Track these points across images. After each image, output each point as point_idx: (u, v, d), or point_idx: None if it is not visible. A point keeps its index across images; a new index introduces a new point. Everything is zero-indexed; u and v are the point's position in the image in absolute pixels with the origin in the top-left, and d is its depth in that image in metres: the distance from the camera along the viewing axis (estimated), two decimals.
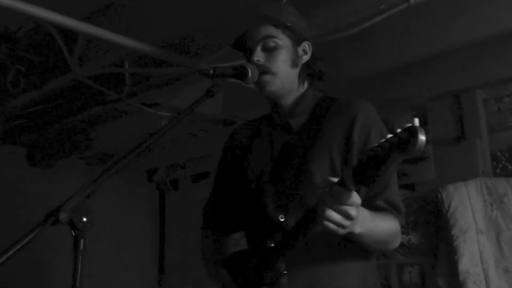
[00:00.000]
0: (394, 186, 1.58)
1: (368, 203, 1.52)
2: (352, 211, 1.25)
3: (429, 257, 2.97)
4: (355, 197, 1.23)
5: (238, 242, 1.90)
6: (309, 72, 1.73)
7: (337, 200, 1.23)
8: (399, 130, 1.07)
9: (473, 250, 2.69)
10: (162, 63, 2.66)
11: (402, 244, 3.09)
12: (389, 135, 1.09)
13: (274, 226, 1.54)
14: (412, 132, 1.03)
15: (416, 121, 1.06)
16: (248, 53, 1.66)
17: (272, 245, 1.51)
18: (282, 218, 1.52)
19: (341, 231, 1.29)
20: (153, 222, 5.12)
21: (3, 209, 3.97)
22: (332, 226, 1.27)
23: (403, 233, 3.09)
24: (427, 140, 2.97)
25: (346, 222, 1.27)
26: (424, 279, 3.00)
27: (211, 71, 1.51)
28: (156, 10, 2.42)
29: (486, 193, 2.75)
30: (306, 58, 1.71)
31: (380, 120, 1.65)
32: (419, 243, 3.03)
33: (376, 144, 1.12)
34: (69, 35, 2.55)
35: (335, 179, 1.24)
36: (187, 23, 2.44)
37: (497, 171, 2.86)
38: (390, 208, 1.54)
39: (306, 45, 1.71)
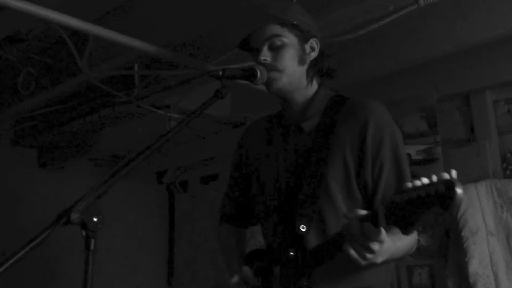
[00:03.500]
0: None
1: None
2: (375, 246, 1.28)
3: (439, 259, 2.96)
4: (383, 235, 1.26)
5: (254, 238, 1.91)
6: (317, 69, 1.72)
7: (366, 237, 1.26)
8: (435, 178, 1.08)
9: (483, 252, 2.67)
10: (171, 65, 2.67)
11: None
12: (425, 181, 1.11)
13: (293, 233, 1.55)
14: (450, 187, 1.04)
15: (454, 173, 1.07)
16: (255, 53, 1.66)
17: (292, 254, 1.53)
18: (303, 228, 1.53)
19: (363, 263, 1.31)
20: (163, 223, 5.14)
21: (14, 210, 4.00)
22: (354, 256, 1.30)
23: None
24: (437, 141, 2.98)
25: (368, 256, 1.30)
26: (434, 281, 2.99)
27: (220, 73, 1.52)
28: (165, 12, 2.43)
29: (496, 195, 2.74)
30: (314, 55, 1.70)
31: (393, 121, 1.64)
32: (429, 244, 3.02)
33: (411, 186, 1.13)
34: (80, 38, 2.56)
35: (363, 212, 1.27)
36: (196, 25, 2.45)
37: (507, 172, 2.84)
38: None
39: (313, 42, 1.70)
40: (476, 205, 2.76)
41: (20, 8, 2.04)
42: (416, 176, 1.16)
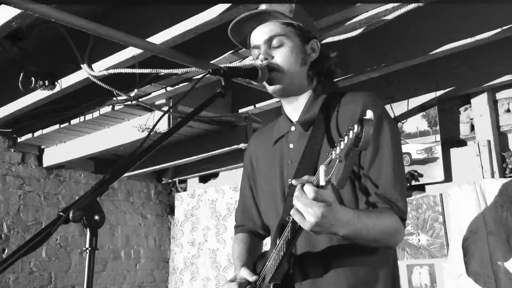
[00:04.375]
0: (394, 178, 1.52)
1: (366, 198, 1.52)
2: (320, 208, 1.23)
3: (439, 258, 2.96)
4: (324, 195, 1.22)
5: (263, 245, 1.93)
6: (317, 70, 1.72)
7: (306, 196, 1.23)
8: (356, 125, 1.10)
9: (483, 251, 2.68)
10: (172, 63, 2.67)
11: (411, 245, 3.08)
12: (352, 133, 1.12)
13: (282, 224, 1.55)
14: (361, 125, 1.08)
15: (369, 114, 1.08)
16: (256, 51, 1.66)
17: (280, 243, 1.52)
18: (289, 218, 1.52)
19: (314, 228, 1.27)
20: (162, 221, 5.15)
21: (15, 208, 4.01)
22: (298, 218, 1.27)
23: (412, 234, 3.08)
24: (437, 141, 2.99)
25: (310, 218, 1.25)
26: (434, 280, 2.99)
27: (222, 71, 1.51)
28: (166, 9, 2.43)
29: (496, 194, 2.74)
30: (314, 56, 1.69)
31: (385, 109, 1.62)
32: (428, 243, 3.02)
33: (341, 139, 1.14)
34: (80, 36, 2.56)
35: (312, 177, 1.25)
36: (197, 23, 2.44)
37: (507, 172, 2.85)
38: (387, 203, 1.49)
39: (314, 43, 1.69)
40: (476, 204, 2.76)
41: (21, 6, 2.04)
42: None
